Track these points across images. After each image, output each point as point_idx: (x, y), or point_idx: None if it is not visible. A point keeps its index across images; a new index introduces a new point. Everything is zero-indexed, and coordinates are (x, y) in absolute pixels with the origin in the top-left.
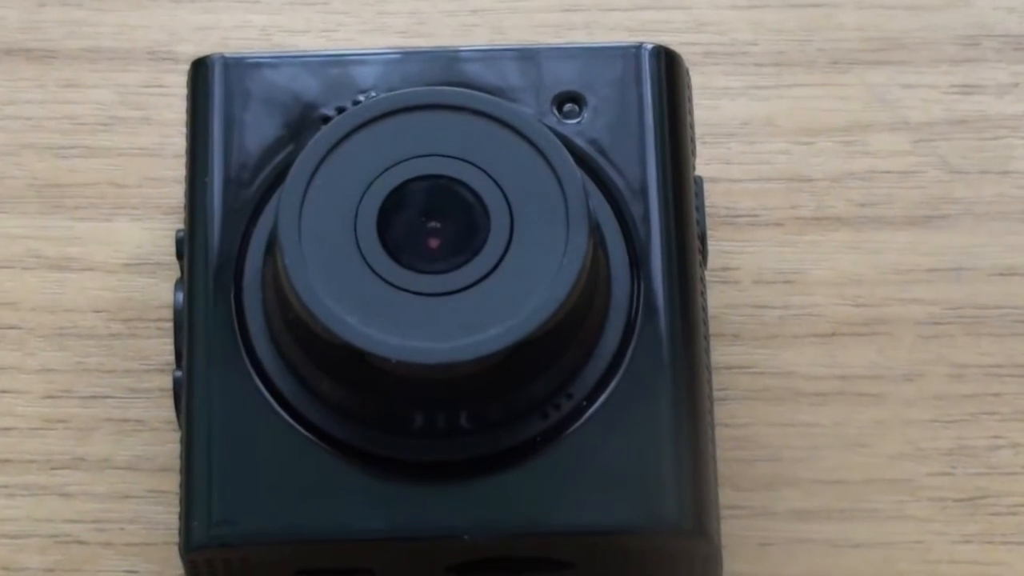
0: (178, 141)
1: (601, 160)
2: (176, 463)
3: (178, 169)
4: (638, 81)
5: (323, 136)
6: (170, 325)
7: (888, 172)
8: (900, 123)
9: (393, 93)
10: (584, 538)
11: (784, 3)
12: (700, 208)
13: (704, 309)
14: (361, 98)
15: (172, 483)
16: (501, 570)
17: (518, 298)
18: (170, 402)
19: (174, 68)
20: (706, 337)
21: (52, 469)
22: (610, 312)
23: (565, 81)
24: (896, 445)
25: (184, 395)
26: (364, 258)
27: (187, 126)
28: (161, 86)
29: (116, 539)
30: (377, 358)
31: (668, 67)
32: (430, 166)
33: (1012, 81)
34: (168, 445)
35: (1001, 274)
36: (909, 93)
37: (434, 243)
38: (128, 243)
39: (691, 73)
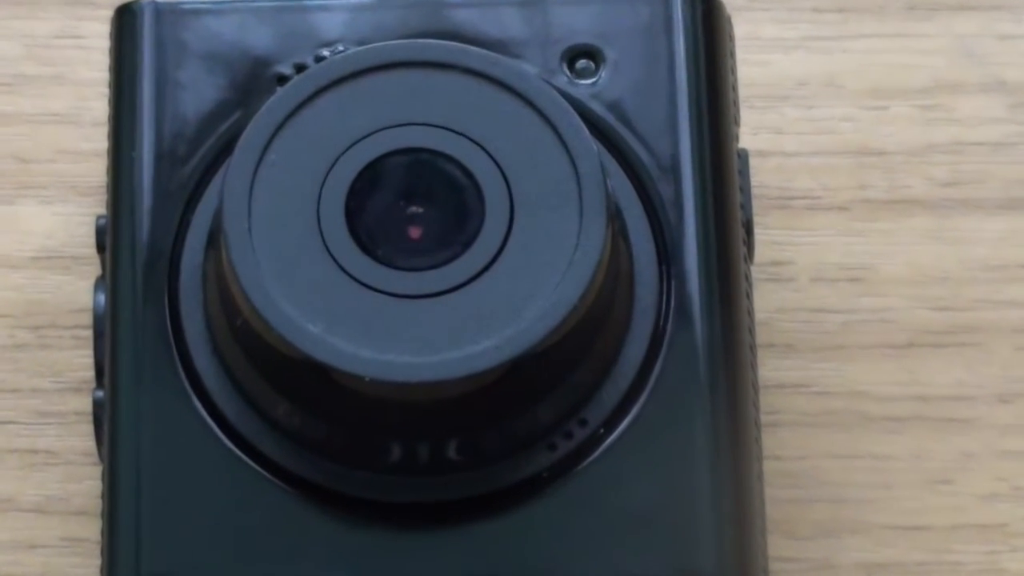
0: (98, 106)
1: (622, 130)
2: (96, 505)
3: (99, 140)
4: (668, 31)
5: (279, 100)
6: (89, 334)
7: (979, 144)
8: (994, 83)
9: (365, 47)
10: None
11: None
12: (745, 189)
13: (750, 314)
14: (325, 53)
15: (92, 529)
16: None
17: (519, 301)
18: (89, 429)
19: (93, 15)
20: (752, 349)
21: None
22: (633, 319)
23: (578, 32)
24: (987, 483)
25: (107, 421)
26: (329, 252)
27: (110, 87)
28: (77, 37)
29: None
30: (346, 375)
31: (705, 14)
32: (411, 137)
33: None
34: (86, 482)
35: None
36: (1005, 47)
37: (415, 233)
38: (36, 232)
39: (734, 21)
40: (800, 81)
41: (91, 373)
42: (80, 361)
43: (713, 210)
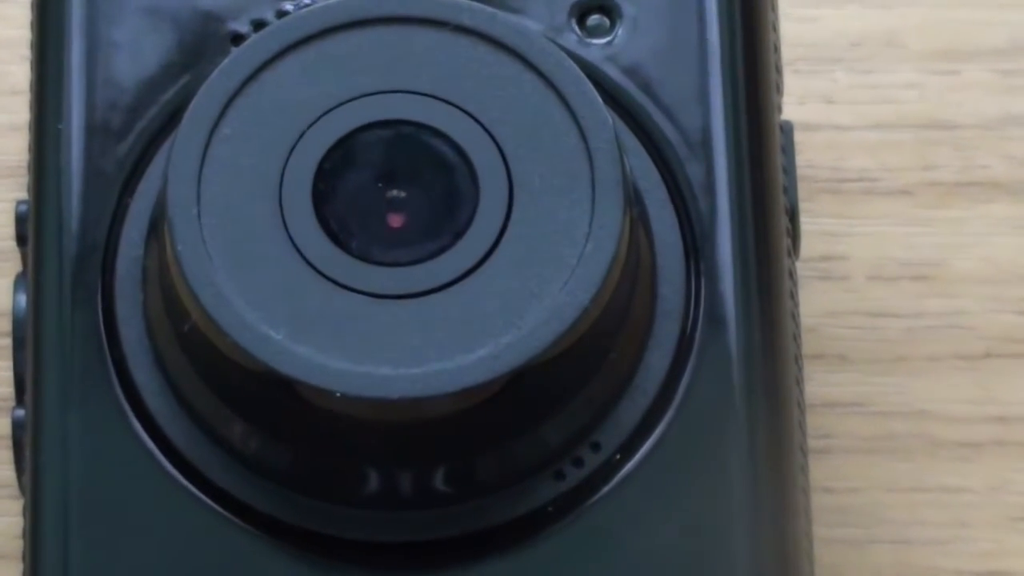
0: (19, 71)
1: (643, 99)
2: (16, 545)
3: (19, 112)
4: None
5: (233, 63)
6: (7, 342)
7: None
8: None
9: (336, 0)
10: None
11: None
12: (789, 170)
13: (795, 319)
14: (289, 7)
15: (12, 573)
16: None
17: (520, 303)
18: (7, 455)
19: None
20: (797, 360)
21: None
22: (655, 323)
23: None
24: None
25: (29, 445)
26: (294, 243)
27: (32, 48)
28: None
29: None
30: (314, 391)
31: None
32: (391, 108)
33: None
34: (5, 519)
35: None
36: None
37: (397, 221)
38: None
39: None
40: (854, 40)
41: (10, 389)
42: None
43: (751, 194)
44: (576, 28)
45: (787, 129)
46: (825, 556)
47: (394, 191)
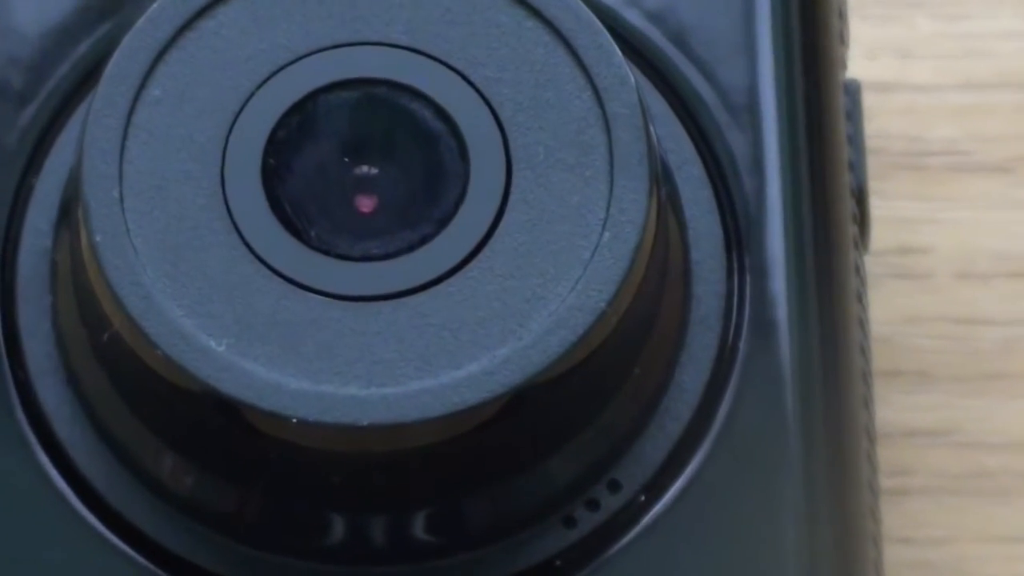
0: None
1: (674, 52)
2: None
3: None
4: None
5: (164, 9)
6: None
7: None
8: None
9: None
10: None
11: None
12: (856, 141)
13: (863, 327)
14: None
15: None
16: None
17: (520, 306)
18: None
19: None
20: (866, 378)
21: None
22: (688, 333)
23: None
24: None
25: None
26: (240, 232)
27: None
28: None
29: None
30: (264, 415)
31: None
32: (360, 64)
33: None
34: None
35: None
36: None
37: (367, 205)
38: None
39: None
40: None
41: None
42: None
43: (808, 171)
44: None
45: (853, 89)
46: None
47: (363, 168)
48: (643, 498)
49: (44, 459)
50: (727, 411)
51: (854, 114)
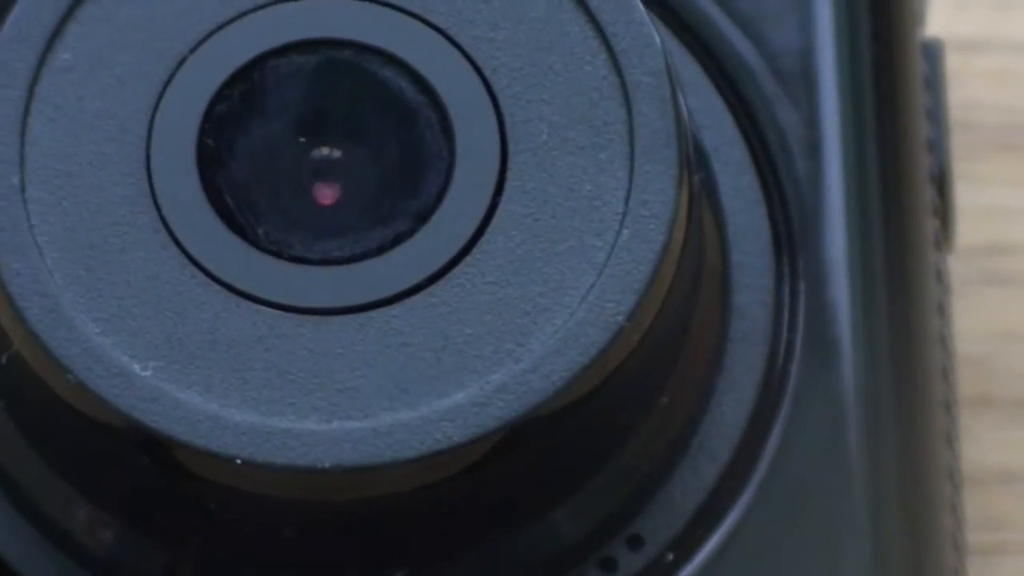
0: None
1: (710, 7)
2: None
3: None
4: None
5: None
6: None
7: None
8: None
9: None
10: None
11: None
12: (936, 114)
13: (944, 344)
14: None
15: None
16: None
17: (518, 321)
18: None
19: None
20: (950, 408)
21: None
22: (728, 353)
23: None
24: None
25: None
26: (169, 229)
27: None
28: None
29: None
30: (202, 455)
31: None
32: (317, 22)
33: None
34: None
35: None
36: None
37: (329, 196)
38: None
39: None
40: None
41: None
42: None
43: (877, 154)
44: None
45: (934, 51)
46: None
47: (323, 150)
48: (670, 557)
49: None
50: (775, 450)
51: (934, 82)
